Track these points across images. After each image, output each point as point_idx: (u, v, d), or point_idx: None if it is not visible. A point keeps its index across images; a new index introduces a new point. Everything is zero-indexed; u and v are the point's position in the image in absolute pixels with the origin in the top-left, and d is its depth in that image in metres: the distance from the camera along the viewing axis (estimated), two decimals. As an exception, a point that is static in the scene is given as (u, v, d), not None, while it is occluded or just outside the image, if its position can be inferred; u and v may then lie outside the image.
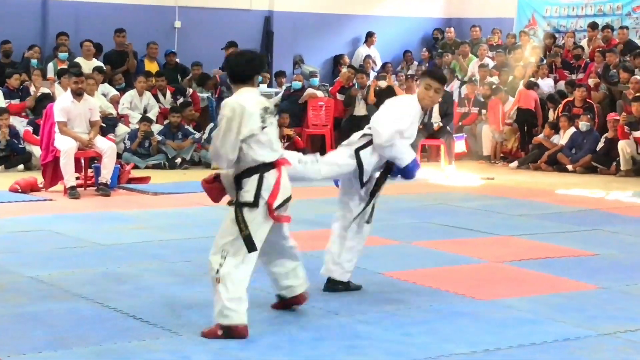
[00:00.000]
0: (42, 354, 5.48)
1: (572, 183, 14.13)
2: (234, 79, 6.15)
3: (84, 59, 16.84)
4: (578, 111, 16.22)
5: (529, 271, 7.99)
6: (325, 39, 20.96)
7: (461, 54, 19.84)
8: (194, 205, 11.37)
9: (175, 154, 15.49)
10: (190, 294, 6.96)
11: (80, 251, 8.52)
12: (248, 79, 6.10)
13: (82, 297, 6.81)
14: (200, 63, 17.99)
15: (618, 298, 7.13)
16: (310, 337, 5.89)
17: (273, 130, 6.07)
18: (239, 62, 6.13)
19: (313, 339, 5.84)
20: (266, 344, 5.74)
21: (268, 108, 6.06)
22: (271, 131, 6.04)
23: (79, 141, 12.15)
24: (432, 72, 7.52)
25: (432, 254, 8.67)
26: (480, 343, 5.85)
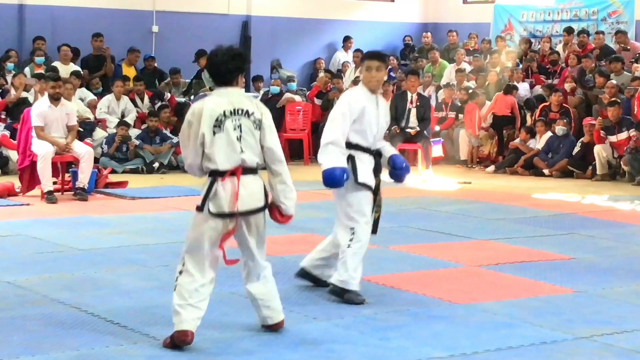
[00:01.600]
0: (19, 359, 5.45)
1: (549, 187, 14.18)
2: (217, 78, 5.86)
3: (62, 64, 16.77)
4: (555, 116, 16.30)
5: (505, 275, 8.01)
6: (303, 43, 20.97)
7: (431, 60, 19.90)
8: (171, 210, 11.34)
9: (153, 159, 15.44)
10: (168, 298, 6.90)
11: (57, 256, 8.48)
12: (232, 78, 5.84)
13: (59, 302, 6.78)
14: (179, 69, 17.97)
15: (594, 302, 7.17)
16: (288, 342, 5.88)
17: (232, 135, 5.72)
18: (224, 59, 5.82)
19: (291, 344, 5.84)
20: (243, 349, 5.73)
21: (238, 110, 5.75)
22: (229, 136, 5.71)
23: (56, 145, 12.10)
24: (368, 53, 7.26)
25: (410, 258, 8.69)
26: (457, 347, 5.86)
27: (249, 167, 5.79)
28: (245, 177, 5.78)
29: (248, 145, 5.79)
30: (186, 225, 10.34)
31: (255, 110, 5.85)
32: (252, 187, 5.80)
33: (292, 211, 6.00)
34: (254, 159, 5.82)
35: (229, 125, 5.72)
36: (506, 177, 15.74)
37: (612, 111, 15.16)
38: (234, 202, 5.74)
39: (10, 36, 17.72)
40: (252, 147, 5.81)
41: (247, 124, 5.78)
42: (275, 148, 5.90)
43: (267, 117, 5.90)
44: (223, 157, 5.73)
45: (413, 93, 15.61)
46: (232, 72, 5.83)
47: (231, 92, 5.84)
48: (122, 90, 16.42)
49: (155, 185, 13.76)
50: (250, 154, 5.80)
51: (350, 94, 7.10)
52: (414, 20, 22.64)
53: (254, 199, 5.82)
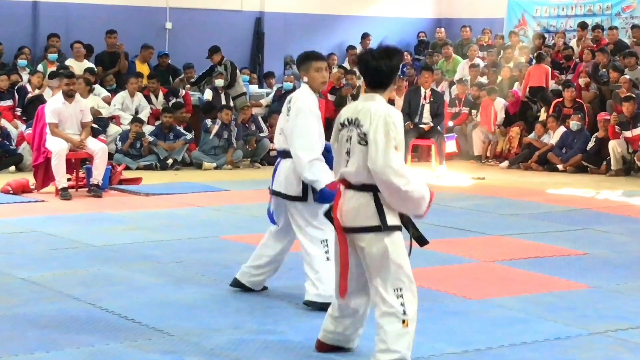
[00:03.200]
0: (34, 355, 5.47)
1: (563, 182, 14.15)
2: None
3: (75, 61, 16.82)
4: (568, 111, 16.25)
5: (519, 270, 8.00)
6: (316, 39, 20.93)
7: (444, 55, 19.86)
8: (185, 206, 11.36)
9: (167, 155, 15.46)
10: (182, 294, 6.96)
11: (72, 252, 8.50)
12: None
13: (74, 298, 6.80)
14: (192, 64, 17.99)
15: (609, 297, 7.15)
16: (302, 337, 5.88)
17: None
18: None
19: (305, 339, 5.84)
20: (259, 344, 5.74)
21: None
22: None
23: (71, 142, 12.13)
24: (313, 55, 6.75)
25: (424, 253, 8.61)
26: (471, 342, 5.85)
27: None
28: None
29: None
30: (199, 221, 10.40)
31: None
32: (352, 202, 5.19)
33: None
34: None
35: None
36: (520, 173, 15.70)
37: (627, 106, 15.11)
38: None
39: (25, 33, 17.76)
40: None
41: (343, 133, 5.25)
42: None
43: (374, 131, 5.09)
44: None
45: (426, 89, 15.60)
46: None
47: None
48: (136, 87, 16.44)
49: (169, 181, 13.78)
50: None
51: (309, 99, 6.61)
52: (427, 16, 22.60)
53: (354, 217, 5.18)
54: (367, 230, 5.11)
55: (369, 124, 5.06)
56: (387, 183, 5.00)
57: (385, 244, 5.11)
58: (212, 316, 6.37)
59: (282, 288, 7.13)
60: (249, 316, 6.34)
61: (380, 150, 4.99)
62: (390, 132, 5.01)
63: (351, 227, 5.15)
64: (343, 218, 5.17)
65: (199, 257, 8.29)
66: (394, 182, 4.99)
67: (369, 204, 5.11)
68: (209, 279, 7.42)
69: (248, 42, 20.29)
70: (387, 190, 5.05)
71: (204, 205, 11.38)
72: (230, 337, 5.88)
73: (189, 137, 15.87)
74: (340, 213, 5.19)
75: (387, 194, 5.08)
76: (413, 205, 5.16)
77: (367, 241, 5.12)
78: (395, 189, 5.02)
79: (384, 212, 5.11)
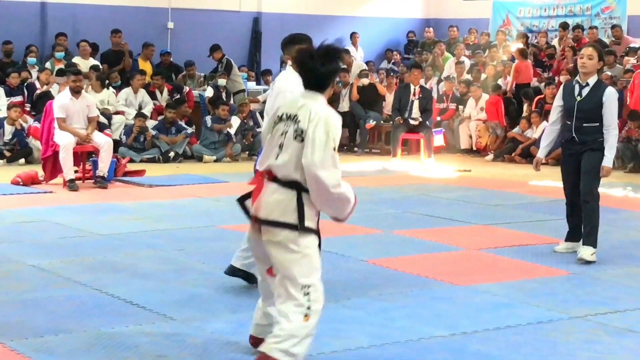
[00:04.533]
0: (43, 339, 5.48)
1: (545, 175, 14.10)
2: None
3: (81, 58, 16.79)
4: (549, 107, 16.21)
5: (503, 258, 8.01)
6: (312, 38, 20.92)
7: (437, 52, 19.86)
8: (186, 197, 11.35)
9: (169, 148, 15.45)
10: (183, 281, 6.96)
11: (79, 241, 8.50)
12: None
13: (81, 284, 6.79)
14: (193, 62, 17.96)
15: (588, 283, 7.16)
16: (297, 321, 5.87)
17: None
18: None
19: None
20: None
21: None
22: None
23: (78, 136, 12.11)
24: (297, 38, 6.94)
25: (413, 242, 8.69)
26: (458, 326, 5.86)
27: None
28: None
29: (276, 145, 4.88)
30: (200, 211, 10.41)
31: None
32: (264, 192, 4.88)
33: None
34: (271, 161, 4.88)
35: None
36: (504, 165, 15.71)
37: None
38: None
39: (33, 32, 17.73)
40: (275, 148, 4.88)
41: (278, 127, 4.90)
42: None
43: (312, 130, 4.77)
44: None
45: (416, 85, 15.59)
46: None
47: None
48: (140, 83, 16.43)
49: (171, 173, 13.77)
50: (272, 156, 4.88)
51: (291, 79, 6.19)
52: (416, 16, 22.60)
53: (264, 206, 4.85)
54: (283, 226, 4.76)
55: (308, 122, 4.74)
56: (318, 180, 4.66)
57: (299, 243, 4.74)
58: (212, 301, 6.37)
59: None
60: (248, 301, 6.33)
61: (317, 148, 4.66)
62: (330, 132, 4.71)
63: (266, 219, 4.81)
64: (261, 209, 4.82)
65: (200, 245, 8.29)
66: (325, 180, 4.65)
67: (290, 200, 4.76)
68: (209, 266, 7.42)
69: (246, 41, 20.27)
70: (316, 186, 4.70)
71: (204, 196, 11.38)
72: (230, 321, 5.88)
73: (189, 132, 15.85)
74: (259, 204, 4.84)
75: (314, 190, 4.72)
76: (337, 207, 4.82)
77: (281, 237, 4.76)
78: (324, 187, 4.67)
79: (304, 212, 4.75)
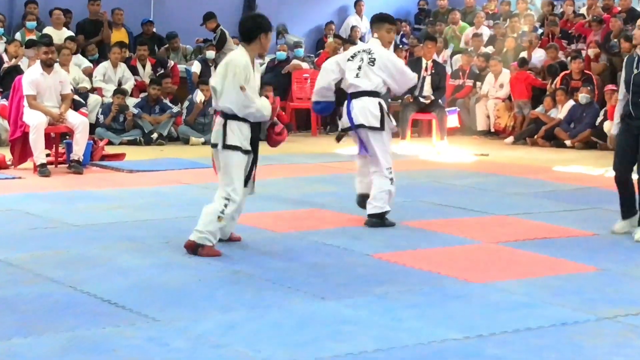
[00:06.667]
0: (11, 341, 5.48)
1: (571, 159, 14.17)
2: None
3: (54, 29, 16.74)
4: (576, 84, 16.23)
5: (524, 252, 8.02)
6: (311, 7, 20.91)
7: (451, 22, 19.83)
8: (171, 184, 11.36)
9: (152, 129, 15.44)
10: (168, 277, 6.97)
11: (51, 232, 8.50)
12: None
13: (53, 280, 6.80)
14: (177, 34, 17.93)
15: (618, 280, 7.17)
16: (294, 323, 5.90)
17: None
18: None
19: (297, 325, 5.86)
20: (248, 330, 5.75)
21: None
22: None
23: (50, 116, 12.10)
24: (385, 18, 9.36)
25: (423, 234, 8.70)
26: (473, 328, 5.87)
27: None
28: None
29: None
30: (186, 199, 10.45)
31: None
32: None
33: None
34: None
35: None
36: (526, 149, 15.72)
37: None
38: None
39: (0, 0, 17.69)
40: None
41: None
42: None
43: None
44: None
45: (428, 60, 15.55)
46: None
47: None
48: (119, 57, 16.40)
49: (154, 157, 13.77)
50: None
51: (383, 49, 9.06)
52: (428, -18, 22.56)
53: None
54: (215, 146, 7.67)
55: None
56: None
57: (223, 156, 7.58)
58: (200, 300, 6.38)
59: (274, 270, 7.16)
60: (239, 300, 6.36)
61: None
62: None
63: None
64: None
65: (186, 237, 8.23)
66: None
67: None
68: (197, 261, 7.43)
69: (238, 9, 20.21)
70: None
71: (191, 183, 11.39)
72: (219, 322, 5.89)
73: (175, 111, 15.83)
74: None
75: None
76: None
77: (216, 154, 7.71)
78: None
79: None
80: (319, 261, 7.49)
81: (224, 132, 7.52)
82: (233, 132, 7.52)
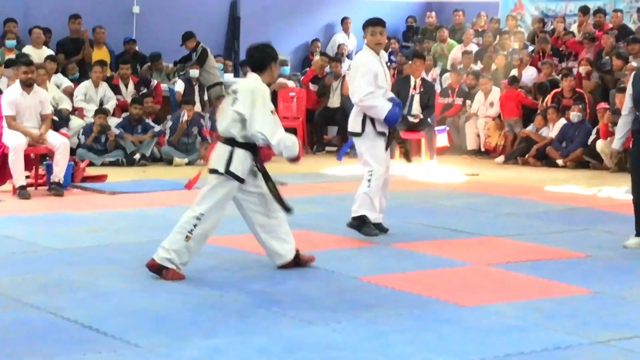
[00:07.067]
0: (-11, 369, 5.45)
1: (563, 179, 14.20)
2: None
3: (34, 47, 16.71)
4: (568, 102, 16.27)
5: (516, 274, 8.01)
6: (296, 24, 20.95)
7: (439, 39, 19.89)
8: (154, 206, 11.34)
9: (134, 150, 15.41)
10: (151, 302, 6.94)
11: (31, 256, 8.47)
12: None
13: (33, 306, 6.76)
14: (160, 54, 17.95)
15: (613, 303, 7.16)
16: (281, 349, 5.87)
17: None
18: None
19: (284, 350, 5.83)
20: (234, 356, 5.72)
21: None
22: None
23: (29, 136, 12.08)
24: (370, 21, 9.50)
25: (413, 256, 8.69)
26: (465, 352, 5.85)
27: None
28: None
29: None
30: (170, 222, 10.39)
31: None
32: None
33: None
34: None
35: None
36: (517, 168, 15.74)
37: (620, 98, 14.94)
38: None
39: (-23, 18, 17.69)
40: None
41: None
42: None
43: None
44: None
45: (417, 78, 15.58)
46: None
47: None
48: (101, 76, 16.39)
49: (136, 178, 13.75)
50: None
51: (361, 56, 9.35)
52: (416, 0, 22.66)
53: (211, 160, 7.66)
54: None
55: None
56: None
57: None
58: (183, 325, 6.35)
59: (260, 294, 7.13)
60: (224, 325, 6.32)
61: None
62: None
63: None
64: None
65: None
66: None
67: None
68: (181, 285, 7.40)
69: (222, 27, 20.27)
70: None
71: (175, 205, 11.35)
72: (203, 348, 5.86)
73: (157, 130, 15.80)
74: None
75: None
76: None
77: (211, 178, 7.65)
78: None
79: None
80: (306, 284, 7.46)
81: (229, 158, 7.47)
82: (240, 160, 7.51)
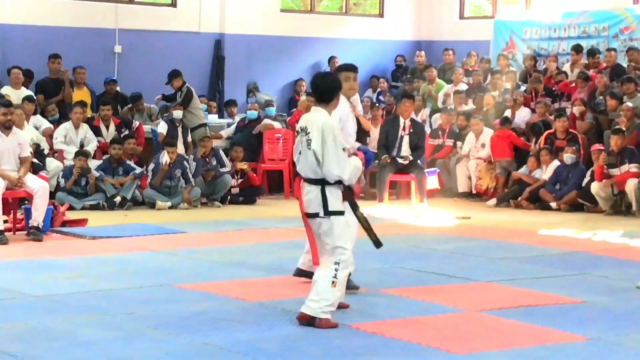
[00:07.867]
0: (-35, 421, 5.42)
1: (556, 222, 14.21)
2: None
3: (12, 88, 16.71)
4: (561, 143, 16.30)
5: (510, 321, 8.00)
6: (282, 64, 21.01)
7: (428, 79, 19.95)
8: (136, 251, 11.31)
9: (115, 193, 15.38)
10: (133, 351, 6.91)
11: (8, 303, 8.43)
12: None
13: (10, 355, 6.73)
14: (141, 95, 17.97)
15: (609, 350, 7.16)
16: (267, 398, 5.85)
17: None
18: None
19: (271, 400, 5.81)
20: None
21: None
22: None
23: (7, 180, 12.06)
24: (343, 66, 9.42)
25: (403, 302, 8.68)
26: (457, 402, 5.84)
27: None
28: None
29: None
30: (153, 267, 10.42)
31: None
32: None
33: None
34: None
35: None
36: (509, 211, 15.75)
37: (615, 140, 14.97)
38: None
39: (-46, 58, 17.71)
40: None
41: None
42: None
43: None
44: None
45: (406, 119, 15.61)
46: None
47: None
48: (81, 117, 16.40)
49: (118, 223, 13.71)
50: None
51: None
52: (406, 38, 22.75)
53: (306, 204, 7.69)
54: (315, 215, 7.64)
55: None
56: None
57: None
58: (166, 375, 6.33)
59: (245, 342, 7.11)
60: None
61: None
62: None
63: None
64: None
65: (152, 308, 8.24)
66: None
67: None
68: (163, 333, 7.38)
69: (207, 67, 20.31)
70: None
71: (157, 250, 11.34)
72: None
73: (138, 172, 15.78)
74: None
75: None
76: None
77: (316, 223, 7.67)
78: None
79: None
80: (293, 332, 7.44)
81: (324, 198, 7.57)
82: (335, 197, 7.63)
